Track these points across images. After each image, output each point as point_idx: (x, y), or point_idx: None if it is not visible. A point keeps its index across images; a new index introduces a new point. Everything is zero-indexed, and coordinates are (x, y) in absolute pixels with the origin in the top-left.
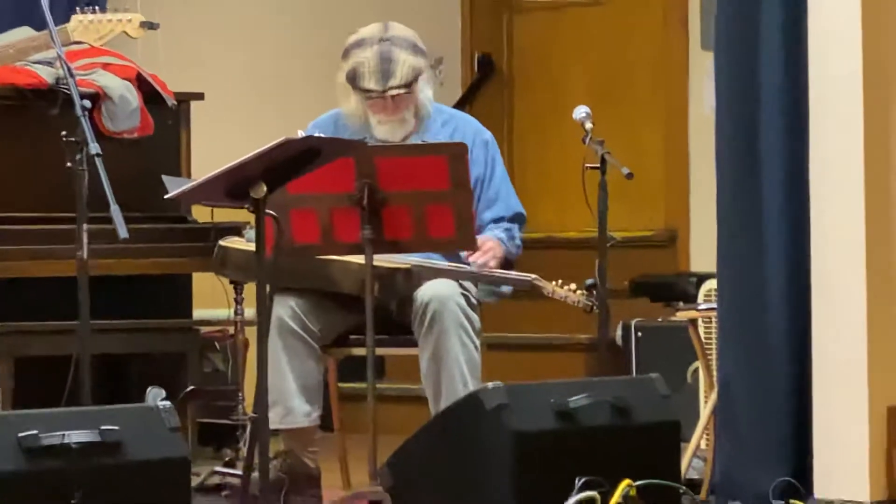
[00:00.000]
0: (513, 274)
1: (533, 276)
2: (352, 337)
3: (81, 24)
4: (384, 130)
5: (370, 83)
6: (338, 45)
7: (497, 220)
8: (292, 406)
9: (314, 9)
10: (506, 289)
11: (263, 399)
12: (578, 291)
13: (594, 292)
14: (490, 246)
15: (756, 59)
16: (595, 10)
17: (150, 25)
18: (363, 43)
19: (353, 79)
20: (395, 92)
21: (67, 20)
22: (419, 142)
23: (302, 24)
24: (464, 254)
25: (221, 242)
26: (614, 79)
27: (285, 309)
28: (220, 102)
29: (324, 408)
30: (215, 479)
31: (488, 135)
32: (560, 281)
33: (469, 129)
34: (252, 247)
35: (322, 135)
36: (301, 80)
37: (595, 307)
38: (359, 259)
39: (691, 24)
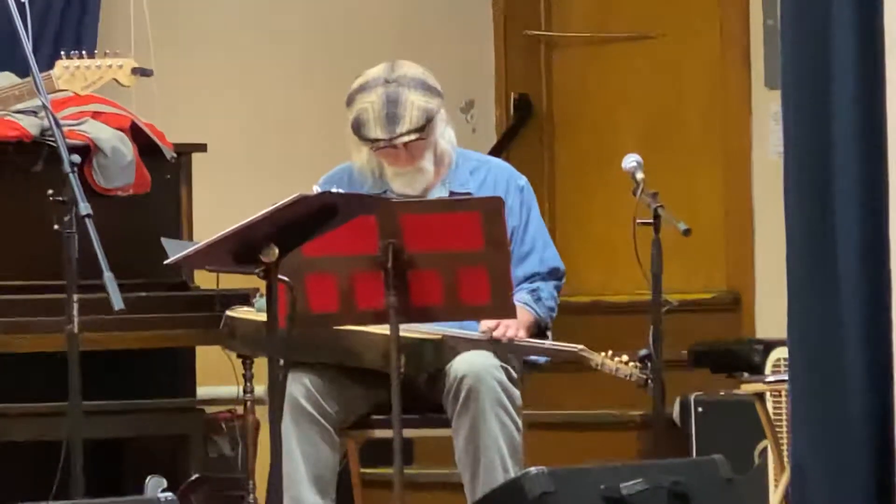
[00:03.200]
0: (557, 345)
1: (579, 346)
2: (375, 417)
3: (67, 71)
4: (402, 183)
5: (376, 131)
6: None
7: (530, 278)
8: (301, 498)
9: (328, 49)
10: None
11: (278, 488)
12: (630, 364)
13: (648, 364)
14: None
15: (828, 98)
16: (644, 45)
17: (143, 72)
18: (366, 87)
19: (357, 128)
20: (404, 139)
21: (52, 66)
22: (444, 194)
23: (313, 67)
24: (482, 329)
25: (228, 312)
26: (666, 121)
27: (299, 388)
28: (224, 154)
29: (345, 497)
30: None
31: (523, 180)
32: (609, 352)
33: (502, 176)
34: (262, 317)
35: (340, 190)
36: (313, 130)
37: (650, 381)
38: (383, 329)
39: (754, 58)
